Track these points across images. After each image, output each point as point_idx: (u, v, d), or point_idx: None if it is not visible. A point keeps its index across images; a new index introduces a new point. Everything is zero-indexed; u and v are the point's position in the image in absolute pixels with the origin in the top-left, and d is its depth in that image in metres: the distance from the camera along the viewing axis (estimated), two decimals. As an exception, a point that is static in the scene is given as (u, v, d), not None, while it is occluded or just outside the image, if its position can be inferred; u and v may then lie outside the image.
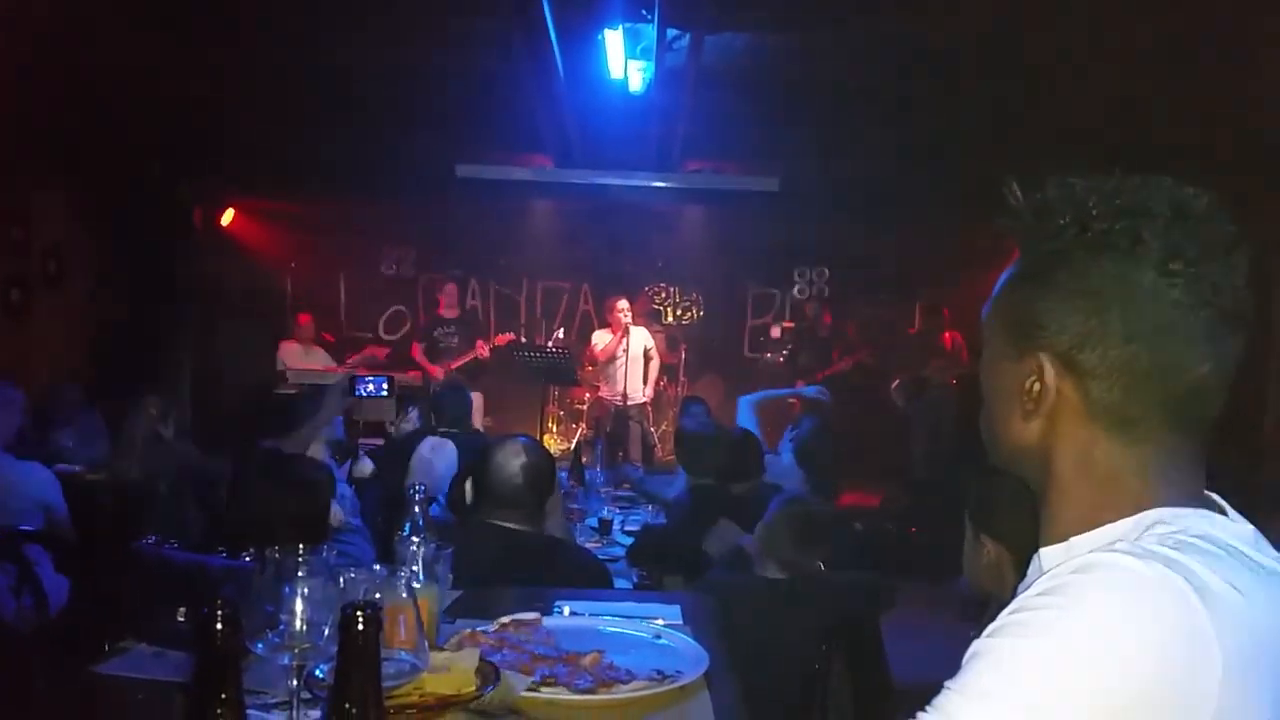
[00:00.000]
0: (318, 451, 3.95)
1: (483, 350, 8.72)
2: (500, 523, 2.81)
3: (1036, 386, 0.97)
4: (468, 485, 3.08)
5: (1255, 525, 0.96)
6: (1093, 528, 0.95)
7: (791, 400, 7.69)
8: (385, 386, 3.20)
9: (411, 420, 5.52)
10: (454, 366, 8.76)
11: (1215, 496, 0.98)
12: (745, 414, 5.35)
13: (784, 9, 5.27)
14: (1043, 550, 0.99)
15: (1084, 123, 6.10)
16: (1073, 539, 0.96)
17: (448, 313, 9.17)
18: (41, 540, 3.48)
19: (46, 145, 7.35)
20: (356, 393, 3.18)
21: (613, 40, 5.48)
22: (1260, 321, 0.94)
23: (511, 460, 2.83)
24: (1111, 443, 0.96)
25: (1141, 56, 5.20)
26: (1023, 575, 1.00)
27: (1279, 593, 0.89)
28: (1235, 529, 0.93)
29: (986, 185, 1.08)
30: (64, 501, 4.00)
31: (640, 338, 8.80)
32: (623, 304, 8.66)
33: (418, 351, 9.00)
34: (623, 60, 5.73)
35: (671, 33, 5.42)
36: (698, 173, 8.46)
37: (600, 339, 8.91)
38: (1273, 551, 0.94)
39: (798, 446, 5.43)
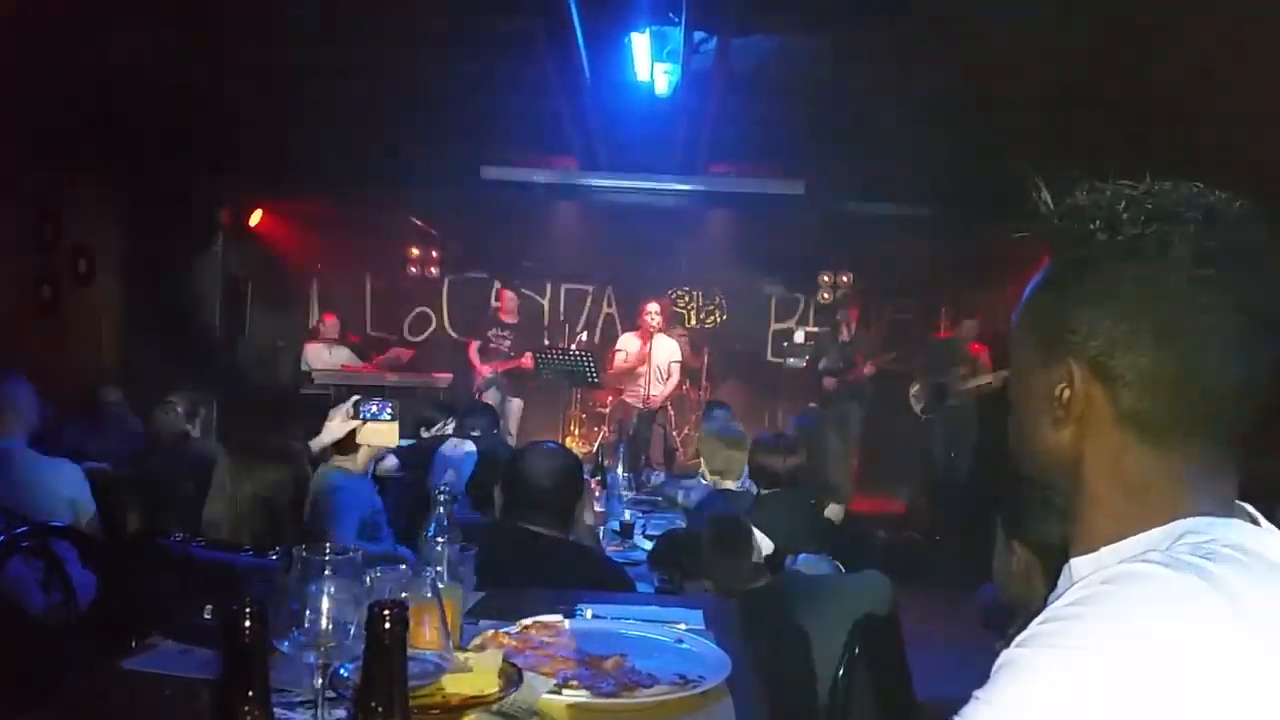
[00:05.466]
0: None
1: (529, 363, 8.94)
2: (529, 526, 2.84)
3: (1066, 393, 0.96)
4: (497, 489, 3.13)
5: None
6: (1123, 537, 0.94)
7: None
8: (388, 410, 3.21)
9: (448, 429, 5.62)
10: (500, 369, 9.02)
11: (1248, 507, 0.97)
12: None
13: (811, 12, 5.26)
14: (1073, 560, 0.98)
15: (1119, 126, 6.03)
16: (1103, 549, 0.95)
17: (507, 318, 9.39)
18: (69, 536, 3.52)
19: (77, 144, 7.44)
20: (360, 415, 3.19)
21: (639, 43, 5.49)
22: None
23: (541, 465, 2.87)
24: (1142, 450, 0.95)
25: (1176, 63, 5.14)
26: (1053, 584, 0.99)
27: None
28: (1269, 540, 0.92)
29: (1015, 191, 1.07)
30: (92, 498, 4.04)
31: (667, 349, 8.78)
32: (652, 307, 8.70)
33: (473, 350, 9.25)
34: (649, 63, 5.73)
35: (698, 36, 5.42)
36: (723, 176, 8.45)
37: (628, 344, 8.91)
38: None
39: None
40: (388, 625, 1.02)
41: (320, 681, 1.39)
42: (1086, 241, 0.96)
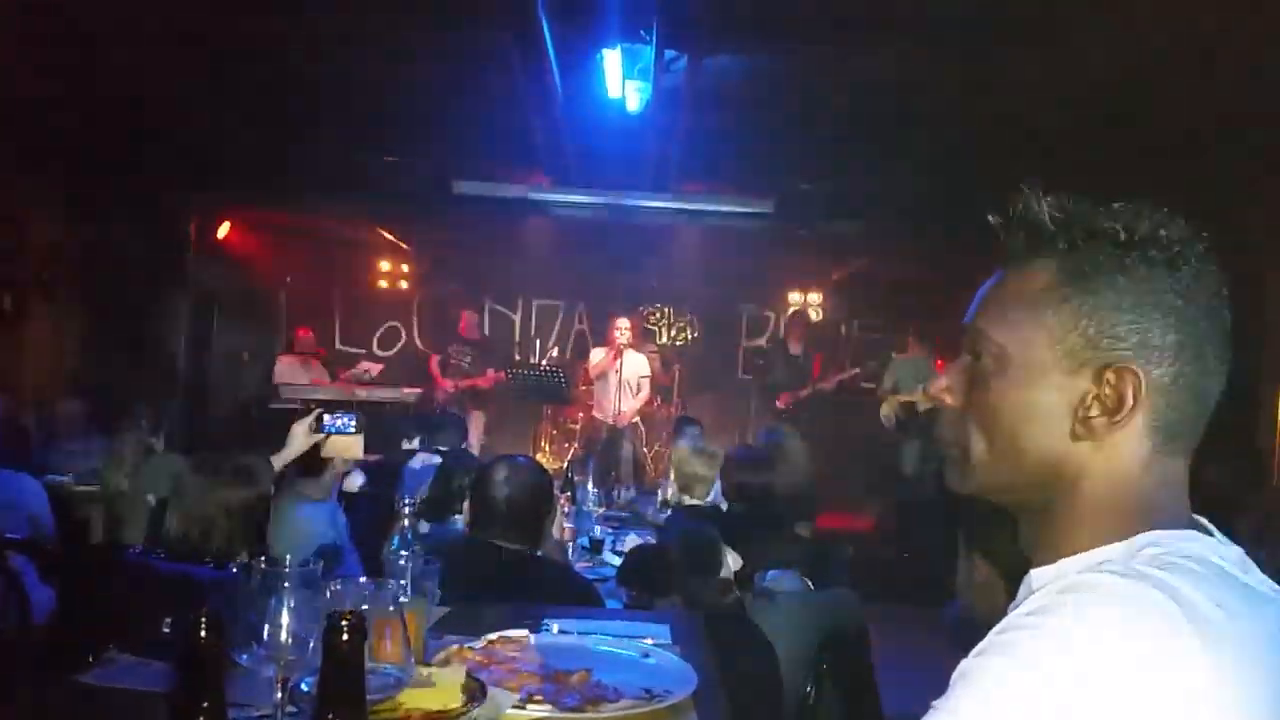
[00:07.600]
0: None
1: (487, 381, 9.08)
2: (496, 541, 2.81)
3: (1094, 404, 0.94)
4: (465, 504, 3.10)
5: (1264, 548, 0.95)
6: (1086, 549, 0.94)
7: None
8: (352, 423, 3.16)
9: (415, 446, 5.61)
10: (461, 385, 9.13)
11: (1203, 519, 0.97)
12: None
13: (780, 32, 5.30)
14: (1034, 571, 0.99)
15: (1081, 141, 6.11)
16: (1063, 560, 0.95)
17: (469, 334, 9.53)
18: (26, 549, 3.46)
19: (42, 153, 7.36)
20: (324, 429, 3.15)
21: (611, 60, 5.50)
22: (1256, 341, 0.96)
23: (508, 480, 2.83)
24: (1160, 460, 0.95)
25: (1139, 71, 5.22)
26: (1014, 596, 0.99)
27: (1267, 615, 0.88)
28: (1223, 551, 0.93)
29: (983, 208, 1.07)
30: (50, 513, 3.98)
31: (636, 364, 8.77)
32: (622, 322, 8.69)
33: (434, 364, 9.45)
34: (620, 80, 5.75)
35: (669, 54, 5.45)
36: (693, 193, 8.48)
37: (598, 357, 8.92)
38: (1260, 575, 0.93)
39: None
40: (345, 635, 1.01)
41: (280, 696, 1.37)
42: (1101, 250, 0.95)
